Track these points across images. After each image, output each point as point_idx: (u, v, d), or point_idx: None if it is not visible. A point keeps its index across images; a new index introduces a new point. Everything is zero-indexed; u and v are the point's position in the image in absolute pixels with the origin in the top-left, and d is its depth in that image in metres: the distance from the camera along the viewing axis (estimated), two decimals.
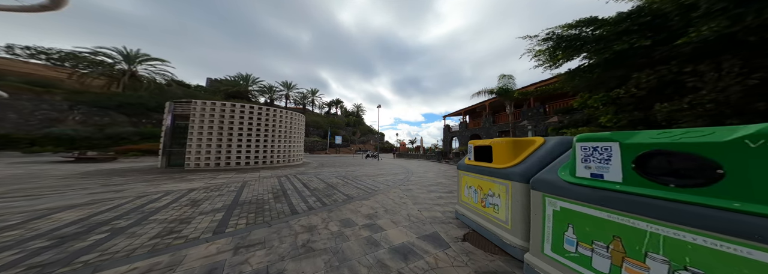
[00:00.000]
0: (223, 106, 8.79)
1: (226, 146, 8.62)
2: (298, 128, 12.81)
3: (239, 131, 9.09)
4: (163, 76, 22.38)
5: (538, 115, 11.50)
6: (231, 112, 8.96)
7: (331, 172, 9.38)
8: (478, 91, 13.31)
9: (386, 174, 9.10)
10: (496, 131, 15.90)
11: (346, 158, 21.51)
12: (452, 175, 9.22)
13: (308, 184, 6.24)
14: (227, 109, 8.88)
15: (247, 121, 9.33)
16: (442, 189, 5.94)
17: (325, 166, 12.27)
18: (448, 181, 7.42)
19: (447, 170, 11.64)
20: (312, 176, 7.89)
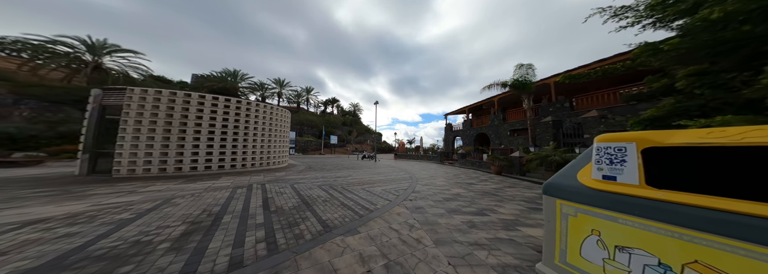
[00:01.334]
0: (173, 97, 6.86)
1: (176, 146, 6.71)
2: (282, 125, 10.94)
3: (197, 128, 7.22)
4: (136, 70, 20.27)
5: (563, 110, 9.79)
6: (185, 104, 7.05)
7: (317, 178, 7.53)
8: (489, 85, 11.60)
9: (385, 181, 7.30)
10: (508, 130, 14.21)
11: (340, 160, 19.65)
12: (465, 181, 7.45)
13: (274, 199, 4.39)
14: (179, 100, 6.92)
15: (208, 115, 7.44)
16: (466, 206, 4.15)
17: (312, 169, 10.42)
18: (466, 190, 5.64)
19: (457, 174, 9.88)
20: (288, 184, 6.05)
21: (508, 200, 4.67)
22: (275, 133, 10.19)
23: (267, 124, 9.53)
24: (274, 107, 10.15)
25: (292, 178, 7.23)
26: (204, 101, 7.37)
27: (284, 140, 11.33)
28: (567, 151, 6.75)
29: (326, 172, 9.52)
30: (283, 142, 11.04)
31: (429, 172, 10.70)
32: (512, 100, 15.69)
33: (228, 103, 8.00)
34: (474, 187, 6.41)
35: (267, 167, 9.49)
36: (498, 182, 7.23)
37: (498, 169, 9.67)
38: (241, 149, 8.28)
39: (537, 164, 6.90)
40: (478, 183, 7.15)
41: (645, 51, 3.68)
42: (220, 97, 7.82)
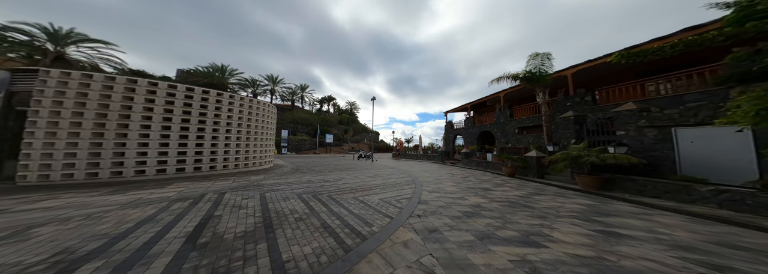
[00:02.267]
0: (110, 82, 5.39)
1: (114, 144, 5.31)
2: (266, 121, 9.59)
3: (146, 122, 5.79)
4: (108, 63, 18.58)
5: (583, 105, 8.64)
6: (128, 92, 5.61)
7: (300, 183, 6.24)
8: (498, 78, 10.37)
9: (383, 186, 6.04)
10: (516, 127, 13.07)
11: (334, 160, 18.35)
12: (478, 185, 6.23)
13: (220, 219, 3.10)
14: (119, 87, 5.46)
15: (161, 106, 6.05)
16: (500, 228, 2.91)
17: (300, 171, 9.11)
18: (486, 200, 4.41)
19: (464, 176, 8.67)
20: (258, 193, 4.75)
21: (553, 217, 3.45)
22: (257, 130, 8.84)
23: (245, 119, 8.17)
24: (254, 101, 8.78)
25: (269, 183, 5.92)
26: (156, 89, 5.96)
27: (268, 138, 9.97)
28: (602, 150, 5.58)
29: (315, 174, 8.22)
30: (266, 140, 9.69)
31: (432, 174, 9.48)
32: (521, 95, 14.56)
33: (190, 94, 6.61)
34: (492, 193, 5.19)
35: (245, 168, 8.15)
36: (518, 187, 6.03)
37: (511, 170, 8.49)
38: (210, 147, 6.91)
39: (565, 166, 5.72)
40: (494, 188, 5.95)
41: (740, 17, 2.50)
42: (180, 86, 6.42)
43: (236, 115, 7.79)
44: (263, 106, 9.43)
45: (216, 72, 30.66)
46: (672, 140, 5.11)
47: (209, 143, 6.90)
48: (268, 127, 9.86)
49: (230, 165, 7.48)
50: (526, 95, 14.65)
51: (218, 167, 7.07)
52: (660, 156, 5.24)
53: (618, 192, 5.04)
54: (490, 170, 10.95)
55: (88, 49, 18.99)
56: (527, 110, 12.90)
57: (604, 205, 4.24)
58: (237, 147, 7.79)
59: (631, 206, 4.15)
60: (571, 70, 9.50)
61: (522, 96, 14.97)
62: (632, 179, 4.81)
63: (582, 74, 9.61)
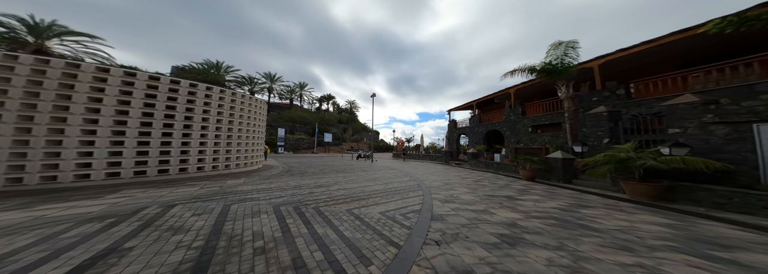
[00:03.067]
0: (41, 65, 4.25)
1: (45, 142, 4.21)
2: (253, 118, 8.53)
3: (93, 115, 4.71)
4: (94, 57, 17.56)
5: (614, 99, 7.54)
6: (66, 78, 4.51)
7: (286, 189, 5.19)
8: (512, 71, 9.27)
9: (385, 193, 4.97)
10: (529, 125, 11.97)
11: (332, 159, 17.29)
12: (498, 192, 5.15)
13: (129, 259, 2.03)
14: (55, 72, 4.39)
15: (114, 97, 4.98)
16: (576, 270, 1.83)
17: (290, 173, 8.05)
18: (521, 215, 3.32)
19: (476, 179, 7.59)
20: (222, 205, 3.68)
21: (643, 248, 2.36)
22: (242, 127, 7.77)
23: (227, 115, 7.10)
24: (239, 94, 7.69)
25: (245, 189, 4.83)
26: (107, 77, 4.87)
27: (257, 136, 8.91)
28: (656, 152, 4.50)
29: (306, 177, 7.16)
30: (254, 139, 8.62)
31: (439, 176, 8.41)
32: (534, 90, 13.46)
33: (154, 83, 5.52)
34: (522, 204, 4.10)
35: (226, 171, 7.07)
36: (549, 195, 4.95)
37: (531, 174, 7.41)
38: (180, 146, 5.83)
39: (609, 170, 4.63)
40: (519, 196, 4.87)
41: None
42: (141, 74, 5.33)
43: (215, 109, 6.71)
44: (250, 101, 8.35)
45: (211, 69, 29.60)
46: (753, 139, 4.04)
47: (179, 141, 5.83)
48: (256, 124, 8.79)
49: (207, 167, 6.41)
50: (540, 91, 13.55)
51: (191, 169, 6.00)
52: (735, 159, 4.16)
53: (684, 204, 3.96)
54: (502, 172, 9.87)
55: (74, 43, 18.04)
56: (542, 107, 11.81)
57: (691, 225, 3.14)
58: (216, 146, 6.72)
59: (735, 229, 3.05)
60: (598, 62, 8.40)
61: (535, 92, 13.87)
62: (709, 189, 3.73)
63: (611, 66, 8.51)
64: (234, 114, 7.39)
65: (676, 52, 7.64)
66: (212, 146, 6.55)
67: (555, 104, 10.95)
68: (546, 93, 13.60)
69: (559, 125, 10.30)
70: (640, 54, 7.53)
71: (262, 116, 9.57)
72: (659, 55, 7.76)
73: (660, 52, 7.46)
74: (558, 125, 10.40)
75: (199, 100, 6.34)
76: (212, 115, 6.60)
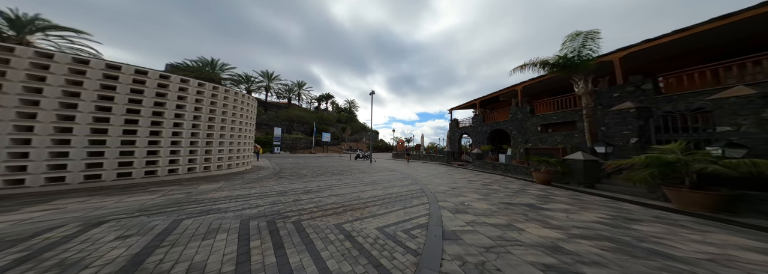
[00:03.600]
0: None
1: None
2: (240, 116, 7.75)
3: (31, 109, 3.89)
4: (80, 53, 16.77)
5: (641, 94, 6.79)
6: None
7: (267, 196, 4.42)
8: (522, 65, 8.52)
9: (384, 201, 4.20)
10: (538, 124, 11.22)
11: (329, 160, 16.51)
12: (517, 200, 4.38)
13: None
14: None
15: (59, 88, 4.18)
16: None
17: (280, 176, 7.28)
18: (563, 234, 2.52)
19: (485, 183, 6.82)
20: (170, 220, 2.90)
21: None
22: (226, 125, 6.99)
23: (206, 110, 6.31)
24: (221, 89, 6.89)
25: (216, 197, 4.04)
26: (50, 63, 4.05)
27: (245, 135, 8.13)
28: (707, 153, 3.75)
29: (296, 180, 6.39)
30: (242, 138, 7.83)
31: (442, 179, 7.64)
32: (544, 87, 12.71)
33: (115, 73, 4.71)
34: (555, 218, 3.33)
35: (205, 173, 6.28)
36: (578, 204, 4.19)
37: (547, 177, 6.65)
38: (146, 146, 5.03)
39: (651, 175, 3.87)
40: (544, 205, 4.10)
41: None
42: (95, 61, 4.52)
43: (191, 104, 5.92)
44: (235, 97, 7.55)
45: (206, 66, 28.77)
46: None
47: (145, 139, 5.03)
48: (244, 122, 8.01)
49: (181, 169, 5.62)
50: (549, 88, 12.82)
51: (160, 171, 5.20)
52: None
53: (752, 217, 3.20)
54: (511, 174, 9.12)
55: (59, 38, 17.23)
56: (552, 105, 11.07)
57: None
58: (192, 146, 5.93)
59: None
60: (620, 54, 7.65)
61: (544, 89, 13.13)
62: None
63: (633, 59, 7.75)
64: (215, 110, 6.60)
65: (707, 44, 6.90)
66: (188, 145, 5.76)
67: (567, 101, 10.21)
68: (555, 90, 12.86)
69: (573, 124, 9.56)
70: (668, 45, 6.78)
71: (251, 114, 8.79)
72: (687, 46, 7.01)
73: (689, 43, 6.72)
74: (571, 124, 9.65)
75: (172, 93, 5.54)
76: (188, 111, 5.80)
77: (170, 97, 5.52)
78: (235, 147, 7.32)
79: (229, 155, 7.08)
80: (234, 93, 7.37)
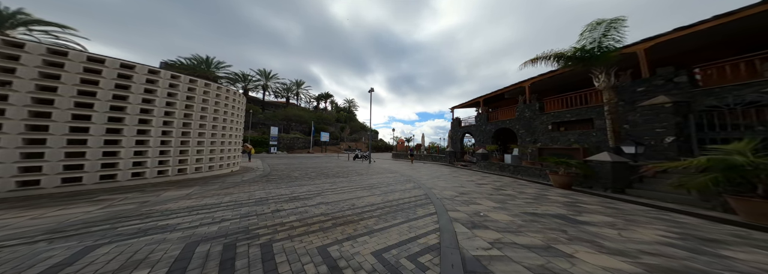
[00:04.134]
0: None
1: None
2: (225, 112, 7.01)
3: None
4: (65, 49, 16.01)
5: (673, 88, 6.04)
6: None
7: (240, 206, 3.69)
8: (534, 58, 7.80)
9: (382, 211, 3.46)
10: (548, 122, 10.48)
11: (327, 160, 15.76)
12: (542, 209, 3.64)
13: None
14: None
15: None
16: None
17: (268, 180, 6.54)
18: (631, 262, 1.82)
19: (496, 187, 6.08)
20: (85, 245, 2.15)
21: None
22: (206, 123, 6.24)
23: (181, 106, 5.56)
24: (198, 82, 6.11)
25: (175, 207, 3.29)
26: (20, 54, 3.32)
27: (231, 134, 7.38)
28: None
29: (284, 184, 5.64)
30: (226, 137, 7.08)
31: (448, 181, 6.89)
32: (555, 83, 11.95)
33: (60, 59, 3.92)
34: (605, 236, 2.57)
35: (181, 176, 5.53)
36: (619, 215, 3.44)
37: (566, 180, 5.91)
38: (102, 146, 4.26)
39: (713, 180, 3.13)
40: (579, 216, 3.36)
41: None
42: (31, 46, 3.75)
43: (163, 98, 5.16)
44: (218, 92, 6.79)
45: (201, 64, 27.98)
46: None
47: (101, 138, 4.26)
48: (230, 120, 7.26)
49: (149, 172, 4.85)
50: (560, 84, 12.06)
51: (122, 176, 4.44)
52: None
53: None
54: (522, 176, 8.37)
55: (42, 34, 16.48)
56: (563, 102, 10.33)
57: None
58: (163, 145, 5.17)
59: None
60: (645, 45, 6.89)
61: (554, 85, 12.39)
62: None
63: (662, 50, 6.99)
64: (193, 106, 5.85)
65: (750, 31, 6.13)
66: (157, 145, 4.99)
67: (581, 98, 9.48)
68: (566, 87, 12.11)
69: (589, 122, 8.82)
70: (702, 34, 6.02)
71: (238, 111, 8.03)
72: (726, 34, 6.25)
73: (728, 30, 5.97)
74: (587, 122, 8.91)
75: (137, 86, 4.77)
76: (157, 106, 5.04)
77: (135, 90, 4.76)
78: (217, 147, 6.56)
79: (211, 155, 6.32)
80: (216, 87, 6.61)
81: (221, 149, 6.74)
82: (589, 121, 8.74)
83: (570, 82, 11.82)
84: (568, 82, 11.80)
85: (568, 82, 11.75)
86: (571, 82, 11.84)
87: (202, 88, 6.13)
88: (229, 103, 7.23)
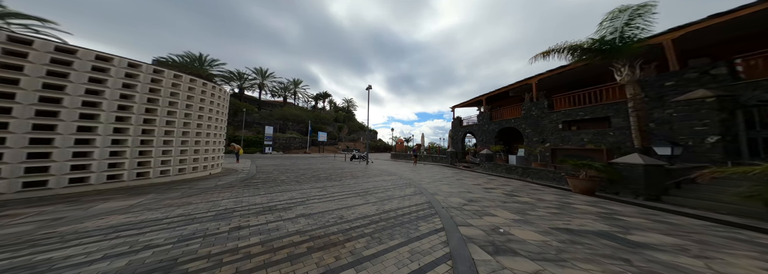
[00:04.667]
0: None
1: None
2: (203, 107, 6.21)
3: None
4: None
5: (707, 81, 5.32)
6: None
7: (192, 223, 2.91)
8: (545, 52, 7.06)
9: (376, 225, 2.68)
10: (559, 121, 9.74)
11: (322, 161, 14.95)
12: (579, 225, 2.89)
13: None
14: None
15: None
16: None
17: (247, 185, 5.77)
18: None
19: (508, 191, 5.32)
20: None
21: None
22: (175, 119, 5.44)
23: (140, 100, 4.74)
24: (166, 73, 5.29)
25: (88, 228, 2.47)
26: None
27: (210, 133, 6.58)
28: None
29: (265, 190, 4.85)
30: (203, 136, 6.27)
31: (452, 186, 6.13)
32: (565, 79, 11.24)
33: None
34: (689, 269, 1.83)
35: (141, 180, 4.72)
36: (682, 233, 2.68)
37: (589, 186, 5.16)
38: (27, 146, 3.41)
39: None
40: (632, 235, 2.60)
41: None
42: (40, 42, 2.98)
43: (112, 90, 4.34)
44: (193, 85, 5.97)
45: (194, 62, 27.07)
46: None
47: (25, 136, 3.42)
48: (209, 116, 6.45)
49: (95, 177, 4.02)
50: (571, 80, 11.35)
51: (55, 182, 3.59)
52: None
53: None
54: (532, 179, 7.63)
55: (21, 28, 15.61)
56: (573, 99, 9.61)
57: None
58: (118, 145, 4.37)
59: None
60: (673, 35, 6.18)
61: (565, 81, 11.67)
62: None
63: (691, 40, 6.27)
64: (158, 100, 5.03)
65: None
66: (106, 144, 4.16)
67: (594, 95, 8.76)
68: (575, 84, 11.39)
69: (605, 120, 8.09)
70: (743, 22, 5.29)
71: (220, 108, 7.23)
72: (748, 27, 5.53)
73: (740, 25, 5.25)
74: (602, 120, 8.18)
75: (76, 73, 3.92)
76: (108, 99, 4.22)
77: (76, 79, 3.92)
78: (190, 147, 5.75)
79: (181, 156, 5.50)
80: (188, 80, 5.80)
81: (195, 149, 5.93)
82: (605, 119, 8.02)
83: (580, 78, 11.11)
84: (579, 78, 11.09)
85: (578, 78, 11.04)
86: (581, 79, 11.14)
87: (171, 79, 5.32)
88: (207, 98, 6.42)
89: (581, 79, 11.01)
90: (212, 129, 6.73)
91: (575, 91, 9.49)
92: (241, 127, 27.41)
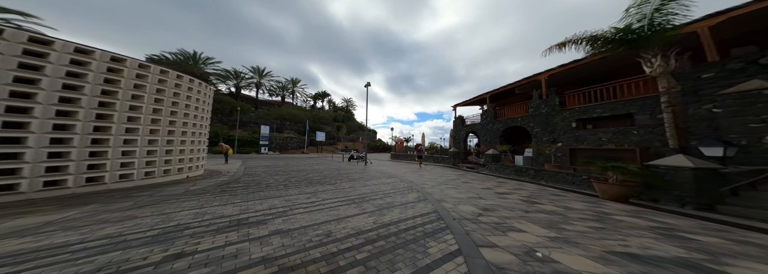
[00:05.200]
0: None
1: None
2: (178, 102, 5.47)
3: None
4: None
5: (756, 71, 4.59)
6: None
7: (120, 249, 2.16)
8: (561, 43, 6.34)
9: (373, 246, 1.92)
10: (572, 119, 9.01)
11: (319, 162, 14.19)
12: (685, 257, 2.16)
13: None
14: None
15: None
16: None
17: (223, 190, 5.05)
18: None
19: (525, 197, 4.58)
20: None
21: None
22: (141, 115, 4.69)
23: (91, 91, 3.98)
24: (129, 61, 4.52)
25: None
26: None
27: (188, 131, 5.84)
28: None
29: (244, 197, 4.11)
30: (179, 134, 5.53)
31: (459, 190, 5.37)
32: (578, 75, 10.52)
33: None
34: None
35: (94, 186, 3.97)
36: None
37: (622, 191, 4.43)
38: None
39: None
40: (722, 263, 1.86)
41: None
42: None
43: (56, 78, 3.58)
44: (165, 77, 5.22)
45: (188, 60, 26.29)
46: None
47: None
48: (184, 113, 5.71)
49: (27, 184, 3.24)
50: (582, 76, 10.64)
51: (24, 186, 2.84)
52: None
53: None
54: (546, 182, 6.90)
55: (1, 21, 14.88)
56: (588, 96, 8.89)
57: None
58: (65, 145, 3.63)
59: None
60: (710, 22, 5.46)
61: (576, 77, 10.97)
62: None
63: (732, 27, 5.54)
64: (118, 92, 4.29)
65: None
66: (43, 144, 3.40)
67: (612, 90, 8.04)
68: (587, 80, 10.67)
69: (627, 117, 7.36)
70: None
71: (202, 105, 6.50)
72: None
73: None
74: (624, 118, 7.45)
75: (10, 58, 3.18)
76: (48, 89, 3.46)
77: (5, 64, 3.16)
78: (160, 147, 4.99)
79: (148, 158, 4.75)
80: (159, 71, 5.04)
81: (168, 149, 5.17)
82: (627, 116, 7.29)
83: (594, 73, 10.39)
84: (592, 73, 10.37)
85: (592, 73, 10.32)
86: (594, 74, 10.43)
87: (135, 70, 4.57)
88: (183, 92, 5.68)
89: (596, 74, 10.30)
90: (191, 127, 5.99)
91: (590, 87, 8.76)
92: (235, 127, 26.65)
